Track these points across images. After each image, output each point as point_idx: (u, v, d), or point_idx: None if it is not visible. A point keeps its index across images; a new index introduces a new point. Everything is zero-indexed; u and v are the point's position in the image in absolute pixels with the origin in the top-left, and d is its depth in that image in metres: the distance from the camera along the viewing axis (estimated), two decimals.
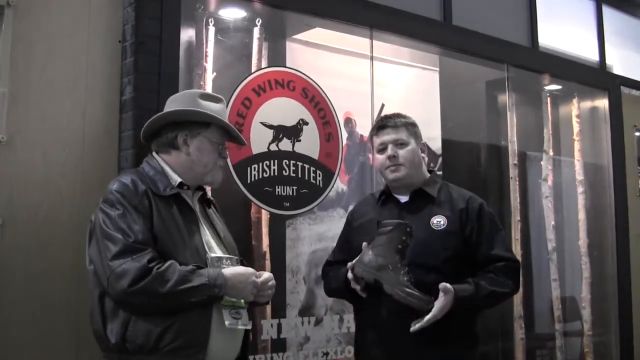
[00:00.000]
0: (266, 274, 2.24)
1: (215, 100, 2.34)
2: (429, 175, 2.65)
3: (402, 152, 2.56)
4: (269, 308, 3.27)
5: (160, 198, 2.13)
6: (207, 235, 2.25)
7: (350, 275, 2.43)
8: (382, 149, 2.60)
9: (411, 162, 2.56)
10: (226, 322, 2.10)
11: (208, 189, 3.07)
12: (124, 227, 2.01)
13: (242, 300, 2.15)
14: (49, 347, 2.58)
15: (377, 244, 2.40)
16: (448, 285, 2.33)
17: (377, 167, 2.69)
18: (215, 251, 2.22)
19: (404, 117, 2.64)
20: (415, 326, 2.31)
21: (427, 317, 2.30)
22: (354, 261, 2.44)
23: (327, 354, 3.45)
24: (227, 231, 2.40)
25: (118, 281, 1.96)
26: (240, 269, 2.16)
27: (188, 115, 2.23)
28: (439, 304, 2.31)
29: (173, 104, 2.30)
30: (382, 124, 2.62)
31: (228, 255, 2.24)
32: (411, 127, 2.61)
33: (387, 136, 2.58)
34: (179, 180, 2.21)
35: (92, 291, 2.09)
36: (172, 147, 2.25)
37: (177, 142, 2.24)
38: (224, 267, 2.16)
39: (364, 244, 2.43)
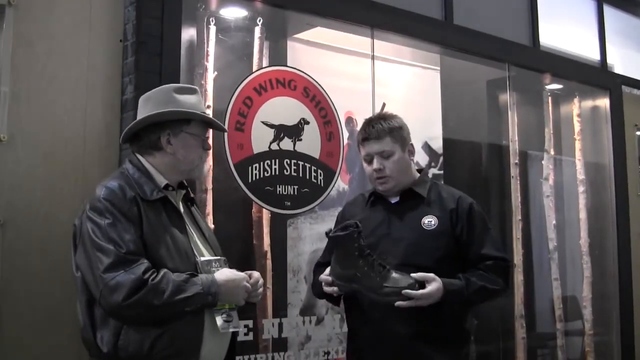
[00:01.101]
0: (255, 275, 2.22)
1: (191, 92, 2.26)
2: (418, 175, 2.62)
3: (388, 164, 2.51)
4: (270, 307, 3.27)
5: (147, 203, 2.08)
6: (194, 237, 2.22)
7: (330, 290, 2.44)
8: (369, 160, 2.56)
9: (398, 172, 2.53)
10: (219, 327, 2.08)
11: (209, 184, 3.11)
12: (115, 238, 1.96)
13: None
14: (50, 347, 2.58)
15: (338, 258, 2.39)
16: (432, 275, 2.33)
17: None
18: (204, 253, 2.20)
19: (387, 121, 2.55)
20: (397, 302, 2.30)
21: (414, 292, 2.27)
22: (327, 275, 2.43)
23: (328, 353, 3.45)
24: (210, 229, 2.38)
25: (112, 294, 1.92)
26: (232, 274, 2.12)
27: (170, 115, 2.17)
28: (429, 289, 2.29)
29: (149, 103, 2.21)
30: (366, 135, 2.55)
31: (216, 258, 2.21)
32: (395, 132, 2.53)
33: (371, 148, 2.53)
34: (165, 182, 2.17)
35: (79, 298, 2.05)
36: (155, 149, 2.18)
37: (160, 143, 2.17)
38: (216, 270, 2.14)
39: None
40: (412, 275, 2.32)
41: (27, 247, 2.57)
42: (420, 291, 2.29)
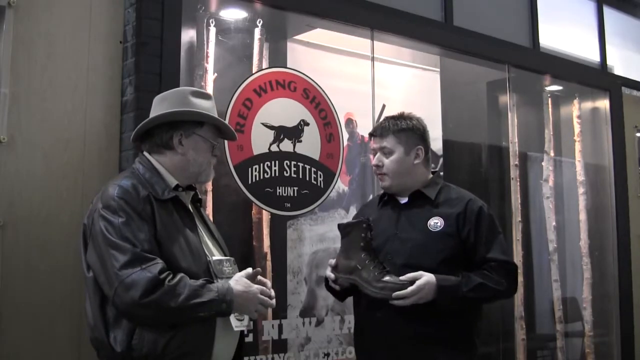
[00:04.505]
0: (268, 284, 2.23)
1: (206, 97, 2.30)
2: (430, 176, 2.65)
3: (386, 162, 2.57)
4: (270, 309, 3.26)
5: (160, 202, 2.09)
6: (205, 237, 2.24)
7: (334, 286, 2.50)
8: (373, 154, 2.64)
9: (395, 172, 2.57)
10: (233, 326, 2.10)
11: (209, 185, 3.11)
12: (129, 236, 1.96)
13: None
14: (50, 347, 2.58)
15: (343, 248, 2.47)
16: (422, 272, 2.36)
17: None
18: (214, 253, 2.22)
19: (399, 121, 2.60)
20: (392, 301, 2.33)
21: (402, 292, 2.31)
22: (330, 273, 2.49)
23: (328, 354, 3.45)
24: (217, 230, 2.40)
25: (127, 292, 1.91)
26: (248, 284, 2.11)
27: (186, 115, 2.19)
28: (417, 283, 2.33)
29: (164, 103, 2.24)
30: (372, 131, 2.65)
31: (227, 257, 2.24)
32: (402, 133, 2.57)
33: (375, 143, 2.62)
34: (175, 182, 2.18)
35: (90, 298, 2.05)
36: (166, 148, 2.20)
37: (172, 142, 2.19)
38: (227, 269, 2.17)
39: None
40: (401, 277, 2.35)
41: (27, 248, 2.57)
42: (409, 289, 2.32)
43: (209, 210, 3.10)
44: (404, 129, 2.58)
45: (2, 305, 2.50)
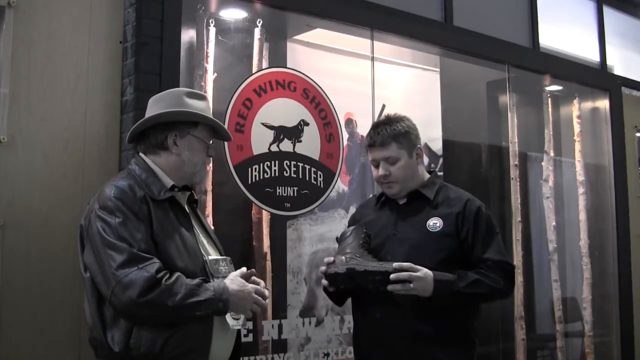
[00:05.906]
0: (262, 284, 2.23)
1: (200, 97, 2.31)
2: (428, 176, 2.64)
3: (393, 170, 2.54)
4: (269, 309, 3.27)
5: (156, 202, 2.10)
6: (201, 237, 2.25)
7: (325, 282, 2.44)
8: (375, 165, 2.59)
9: (404, 177, 2.55)
10: (230, 324, 2.11)
11: (208, 185, 3.11)
12: (126, 236, 1.97)
13: None
14: (50, 348, 2.58)
15: (341, 247, 2.47)
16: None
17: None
18: (210, 253, 2.23)
19: (394, 126, 2.56)
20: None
21: (403, 263, 2.30)
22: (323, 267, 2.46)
23: (327, 354, 3.45)
24: (212, 230, 2.40)
25: (125, 291, 1.92)
26: (243, 283, 2.13)
27: (179, 116, 2.20)
28: (415, 265, 2.31)
29: (159, 104, 2.25)
30: (371, 142, 2.57)
31: (223, 257, 2.26)
32: (401, 137, 2.55)
33: (377, 154, 2.56)
34: (171, 182, 2.19)
35: (88, 298, 2.06)
36: (161, 148, 2.21)
37: (166, 143, 2.20)
38: (223, 269, 2.18)
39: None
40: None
41: (27, 248, 2.57)
42: (409, 263, 2.30)
43: (208, 210, 3.11)
44: (402, 132, 2.55)
45: (2, 305, 2.50)
